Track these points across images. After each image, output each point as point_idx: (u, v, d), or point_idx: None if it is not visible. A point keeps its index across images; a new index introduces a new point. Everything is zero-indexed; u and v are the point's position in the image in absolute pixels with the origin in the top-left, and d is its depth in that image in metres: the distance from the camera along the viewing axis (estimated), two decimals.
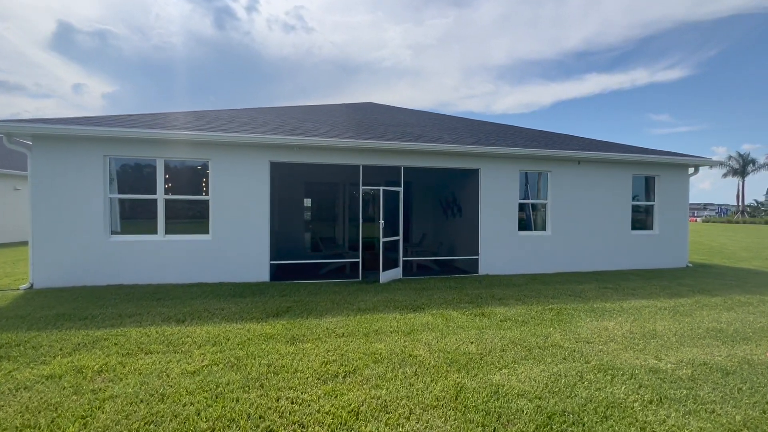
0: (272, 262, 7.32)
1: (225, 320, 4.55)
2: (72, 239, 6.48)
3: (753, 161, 49.84)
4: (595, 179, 9.03)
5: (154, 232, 6.86)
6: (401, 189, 7.92)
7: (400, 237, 7.93)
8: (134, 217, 6.95)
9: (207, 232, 7.04)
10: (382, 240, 7.23)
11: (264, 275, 7.15)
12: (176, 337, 3.91)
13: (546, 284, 7.12)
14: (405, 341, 3.90)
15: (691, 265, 9.72)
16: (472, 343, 3.86)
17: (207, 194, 7.03)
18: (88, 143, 6.53)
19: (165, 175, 6.89)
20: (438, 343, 3.86)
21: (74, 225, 6.49)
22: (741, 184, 51.62)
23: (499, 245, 8.38)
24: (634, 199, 9.43)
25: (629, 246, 9.29)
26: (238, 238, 7.06)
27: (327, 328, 4.27)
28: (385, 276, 7.27)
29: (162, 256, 6.80)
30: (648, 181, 9.66)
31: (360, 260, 7.68)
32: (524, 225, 8.79)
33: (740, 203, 52.11)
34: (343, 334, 4.10)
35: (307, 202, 11.63)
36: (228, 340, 3.87)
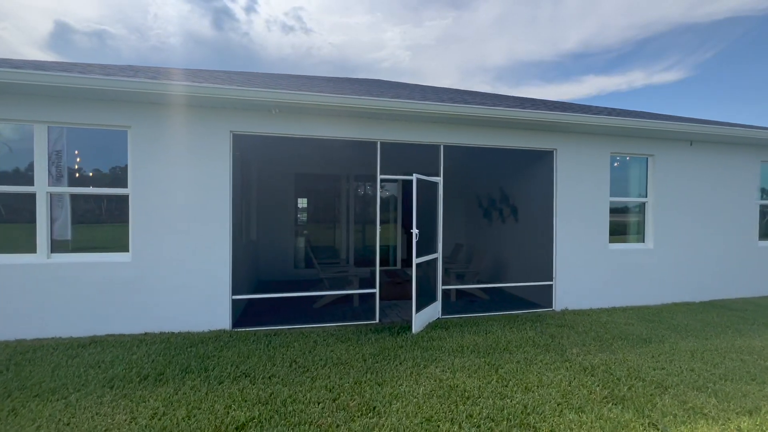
0: (236, 296, 4.49)
1: None
2: None
3: None
4: (712, 168, 6.25)
5: (33, 249, 4.05)
6: (440, 180, 5.13)
7: (439, 254, 5.13)
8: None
9: (126, 250, 4.23)
10: (415, 261, 4.39)
11: (221, 319, 4.33)
12: None
13: (681, 332, 4.32)
14: None
15: None
16: None
17: (126, 186, 4.23)
18: None
19: (69, 157, 4.11)
20: None
21: None
22: None
23: (584, 265, 5.59)
24: (762, 196, 6.66)
25: (756, 263, 6.52)
26: (178, 258, 4.24)
27: None
28: (419, 320, 4.45)
29: (44, 291, 3.98)
30: None
31: (377, 290, 4.87)
32: (612, 233, 6.00)
33: None
34: None
35: (302, 202, 8.79)
36: None
